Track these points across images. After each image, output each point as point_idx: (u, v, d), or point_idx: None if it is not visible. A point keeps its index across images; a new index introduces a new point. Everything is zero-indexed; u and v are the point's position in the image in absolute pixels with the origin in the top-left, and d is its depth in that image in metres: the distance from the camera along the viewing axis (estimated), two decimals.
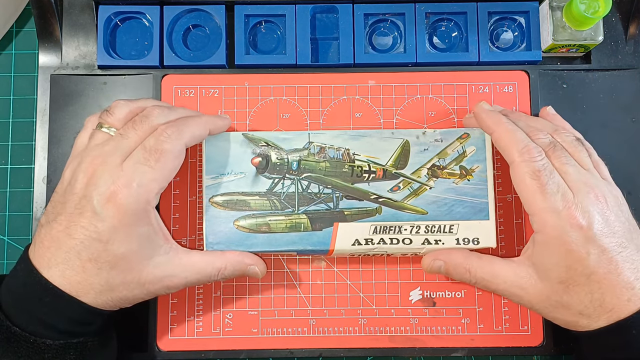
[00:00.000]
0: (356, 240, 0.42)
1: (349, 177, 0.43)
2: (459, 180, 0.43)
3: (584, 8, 0.44)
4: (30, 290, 0.37)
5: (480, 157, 0.44)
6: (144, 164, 0.37)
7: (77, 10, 0.49)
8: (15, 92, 0.51)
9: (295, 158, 0.43)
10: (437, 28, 0.49)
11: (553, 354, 0.45)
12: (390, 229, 0.43)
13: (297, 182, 0.43)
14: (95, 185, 0.37)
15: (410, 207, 0.43)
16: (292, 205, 0.43)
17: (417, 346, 0.45)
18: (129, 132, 0.39)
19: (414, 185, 0.43)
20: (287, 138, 0.44)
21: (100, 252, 0.37)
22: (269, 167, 0.43)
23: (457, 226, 0.43)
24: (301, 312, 0.45)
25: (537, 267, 0.39)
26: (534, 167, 0.38)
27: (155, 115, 0.40)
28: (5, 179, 0.50)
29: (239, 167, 0.43)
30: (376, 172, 0.43)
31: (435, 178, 0.43)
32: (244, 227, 0.42)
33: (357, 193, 0.43)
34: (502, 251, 0.46)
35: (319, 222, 0.43)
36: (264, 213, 0.43)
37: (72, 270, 0.37)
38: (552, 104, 0.47)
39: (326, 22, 0.49)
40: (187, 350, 0.45)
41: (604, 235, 0.37)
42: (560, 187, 0.38)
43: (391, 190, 0.43)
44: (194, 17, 0.49)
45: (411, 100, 0.47)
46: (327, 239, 0.42)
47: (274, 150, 0.43)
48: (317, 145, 0.44)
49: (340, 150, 0.44)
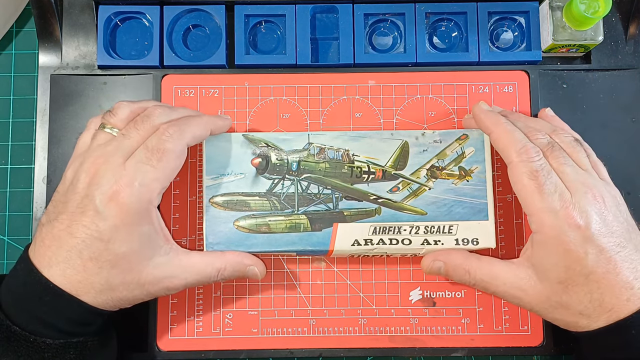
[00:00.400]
0: (356, 240, 0.43)
1: (348, 178, 0.43)
2: (458, 181, 0.43)
3: (584, 8, 0.44)
4: (30, 290, 0.37)
5: (479, 158, 0.44)
6: (146, 163, 0.38)
7: (77, 10, 0.49)
8: (15, 92, 0.51)
9: (295, 159, 0.43)
10: (437, 28, 0.49)
11: (553, 354, 0.45)
12: (390, 229, 0.43)
13: (297, 182, 0.43)
14: (97, 184, 0.37)
15: (410, 207, 0.43)
16: (292, 206, 0.43)
17: (417, 346, 0.45)
18: (131, 131, 0.39)
19: (413, 186, 0.43)
20: (287, 139, 0.44)
21: (101, 250, 0.37)
22: (269, 168, 0.43)
23: (456, 227, 0.43)
24: (301, 312, 0.45)
25: (536, 267, 0.39)
26: (532, 167, 0.38)
27: (157, 115, 0.40)
28: (5, 179, 0.50)
29: (239, 167, 0.43)
30: (375, 172, 0.43)
31: (435, 179, 0.43)
32: (243, 227, 0.42)
33: (356, 194, 0.43)
34: (502, 251, 0.46)
35: (319, 223, 0.43)
36: (264, 213, 0.43)
37: (73, 269, 0.37)
38: (552, 104, 0.47)
39: (326, 22, 0.49)
40: (187, 350, 0.45)
41: (602, 235, 0.37)
42: (557, 187, 0.38)
43: (390, 191, 0.43)
44: (194, 17, 0.49)
45: (411, 100, 0.47)
46: (326, 240, 0.43)
47: (273, 151, 0.43)
48: (316, 146, 0.44)
49: (340, 151, 0.44)
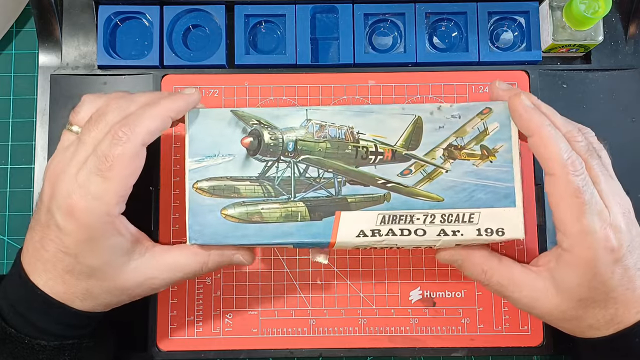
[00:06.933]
0: (361, 231, 0.37)
1: (352, 160, 0.38)
2: (480, 161, 0.38)
3: (584, 8, 0.44)
4: (22, 295, 0.37)
5: (504, 135, 0.38)
6: (97, 174, 0.34)
7: (77, 10, 0.49)
8: (15, 92, 0.51)
9: (291, 138, 0.38)
10: (437, 28, 0.49)
11: (553, 354, 0.45)
12: (401, 218, 0.37)
13: (294, 165, 0.38)
14: (55, 198, 0.35)
15: (424, 193, 0.38)
16: (288, 192, 0.38)
17: (417, 346, 0.45)
18: (85, 135, 0.36)
19: (428, 168, 0.38)
20: (281, 115, 0.38)
21: (73, 264, 0.35)
22: (262, 149, 0.38)
23: (478, 215, 0.37)
24: (301, 312, 0.45)
25: (557, 282, 0.37)
26: (577, 184, 0.35)
27: (111, 111, 0.36)
28: (5, 179, 0.50)
29: (227, 148, 0.38)
30: (384, 153, 0.38)
31: (453, 160, 0.38)
32: (232, 216, 0.37)
33: (362, 177, 0.38)
34: (502, 250, 0.46)
35: (319, 211, 0.38)
36: (256, 200, 0.38)
37: (53, 280, 0.36)
38: (552, 104, 0.47)
39: (326, 22, 0.49)
40: (187, 351, 0.45)
41: (630, 253, 0.35)
42: (597, 205, 0.35)
43: (401, 174, 0.38)
44: (194, 17, 0.49)
45: (411, 100, 0.47)
46: (327, 230, 0.37)
47: (266, 129, 0.38)
48: (316, 123, 0.38)
49: (343, 128, 0.38)
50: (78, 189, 0.34)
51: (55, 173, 0.36)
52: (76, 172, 0.35)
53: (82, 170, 0.35)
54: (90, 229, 0.34)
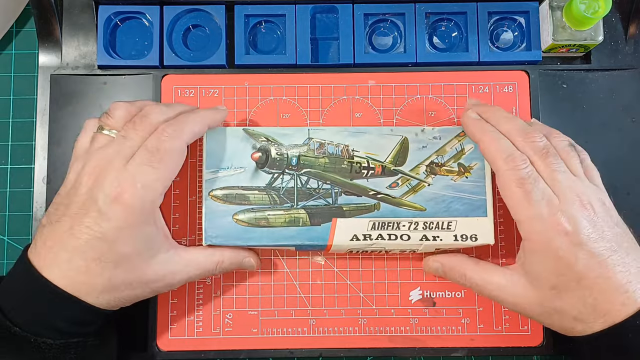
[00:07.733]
0: (354, 235, 0.43)
1: (348, 173, 0.43)
2: (457, 177, 0.43)
3: (584, 8, 0.44)
4: (30, 291, 0.37)
5: (478, 154, 0.43)
6: (148, 164, 0.38)
7: (77, 10, 0.49)
8: (15, 92, 0.51)
9: (294, 153, 0.43)
10: (437, 28, 0.49)
11: (553, 354, 0.45)
12: (389, 225, 0.43)
13: (297, 177, 0.43)
14: (100, 186, 0.37)
15: (409, 203, 0.43)
16: (291, 200, 0.43)
17: (417, 346, 0.45)
18: (130, 133, 0.39)
19: (413, 182, 0.43)
20: (287, 134, 0.44)
21: (105, 251, 0.37)
22: (269, 162, 0.43)
23: (455, 223, 0.43)
24: (301, 312, 0.45)
25: (528, 274, 0.39)
26: (519, 175, 0.38)
27: (155, 114, 0.40)
28: (5, 179, 0.50)
29: (239, 161, 0.43)
30: (375, 168, 0.44)
31: (434, 175, 0.43)
32: (243, 221, 0.42)
33: (355, 189, 0.43)
34: (502, 251, 0.46)
35: (318, 217, 0.43)
36: (263, 207, 0.43)
37: (75, 270, 0.37)
38: (552, 104, 0.47)
39: (326, 22, 0.49)
40: (187, 350, 0.45)
41: (592, 240, 0.37)
42: (545, 194, 0.38)
43: (390, 186, 0.43)
44: (194, 17, 0.49)
45: (411, 100, 0.48)
46: (325, 234, 0.42)
47: (273, 145, 0.43)
48: (316, 141, 0.44)
49: (340, 146, 0.44)
50: (128, 178, 0.37)
51: (98, 167, 0.38)
52: (124, 163, 0.38)
53: (131, 162, 0.38)
54: (134, 215, 0.37)
